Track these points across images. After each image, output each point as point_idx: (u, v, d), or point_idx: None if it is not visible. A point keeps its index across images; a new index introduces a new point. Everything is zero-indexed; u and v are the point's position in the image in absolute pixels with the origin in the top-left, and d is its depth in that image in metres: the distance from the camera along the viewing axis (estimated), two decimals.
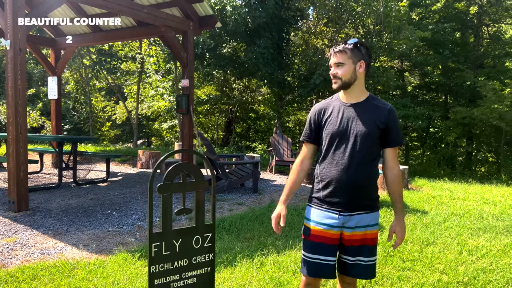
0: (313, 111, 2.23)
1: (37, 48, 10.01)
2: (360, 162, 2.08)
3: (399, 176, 2.22)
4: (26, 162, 5.27)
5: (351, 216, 2.11)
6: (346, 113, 2.13)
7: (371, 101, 2.16)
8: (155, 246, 2.29)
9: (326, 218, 2.13)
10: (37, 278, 3.46)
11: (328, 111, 2.18)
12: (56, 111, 10.32)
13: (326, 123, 2.16)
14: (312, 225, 2.17)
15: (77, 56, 15.07)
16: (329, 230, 2.12)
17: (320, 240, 2.14)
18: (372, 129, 2.08)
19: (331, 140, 2.13)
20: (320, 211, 2.16)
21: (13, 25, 5.08)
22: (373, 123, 2.08)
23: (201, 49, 11.87)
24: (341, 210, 2.11)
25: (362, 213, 2.13)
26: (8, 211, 5.31)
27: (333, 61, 2.15)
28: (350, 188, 2.09)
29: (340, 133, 2.11)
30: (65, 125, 16.96)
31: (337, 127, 2.11)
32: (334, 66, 2.14)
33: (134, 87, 17.10)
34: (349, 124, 2.10)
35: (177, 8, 8.18)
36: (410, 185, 7.87)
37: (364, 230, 2.13)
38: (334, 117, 2.14)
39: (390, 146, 2.16)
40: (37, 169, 9.03)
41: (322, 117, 2.19)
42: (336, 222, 2.12)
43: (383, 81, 12.88)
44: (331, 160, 2.13)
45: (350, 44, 2.11)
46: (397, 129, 2.16)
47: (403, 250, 4.20)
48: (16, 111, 5.13)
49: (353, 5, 12.30)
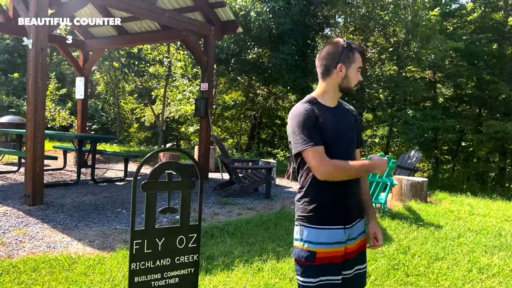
0: (306, 113, 1.87)
1: (67, 49, 10.37)
2: None
3: (366, 178, 2.17)
4: (42, 158, 5.44)
5: (353, 226, 1.97)
6: (334, 117, 1.95)
7: (341, 104, 2.06)
8: (137, 244, 2.30)
9: (333, 236, 1.90)
10: (37, 270, 3.54)
11: (318, 115, 1.90)
12: (82, 110, 10.65)
13: (320, 129, 1.89)
14: (318, 248, 1.88)
15: (107, 58, 15.51)
16: (338, 248, 1.91)
17: (329, 261, 1.89)
18: (354, 132, 2.02)
19: (327, 146, 1.88)
20: (323, 230, 1.90)
21: (36, 25, 5.27)
22: (352, 126, 2.02)
23: (225, 54, 11.97)
24: (345, 224, 1.93)
25: (359, 220, 2.04)
26: (23, 204, 5.49)
27: (364, 66, 1.99)
28: (351, 198, 1.97)
29: (334, 139, 1.91)
30: (93, 125, 17.46)
31: (333, 133, 1.91)
32: (360, 71, 1.98)
33: (161, 91, 17.42)
34: (339, 129, 1.94)
35: (200, 12, 8.30)
36: (429, 198, 7.62)
37: (362, 237, 2.04)
38: (326, 123, 1.91)
39: (358, 147, 2.09)
40: (60, 165, 9.31)
41: (316, 121, 1.88)
42: (343, 237, 1.92)
43: (409, 91, 12.58)
44: None
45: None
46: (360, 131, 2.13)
47: (408, 264, 4.05)
48: (35, 108, 5.31)
49: (381, 13, 12.11)
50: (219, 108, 17.17)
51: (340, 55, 1.94)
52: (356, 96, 12.36)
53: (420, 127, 13.97)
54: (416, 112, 14.66)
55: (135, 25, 9.62)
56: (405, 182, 7.29)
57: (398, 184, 7.37)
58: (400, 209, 6.53)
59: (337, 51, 1.94)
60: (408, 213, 6.26)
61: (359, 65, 1.95)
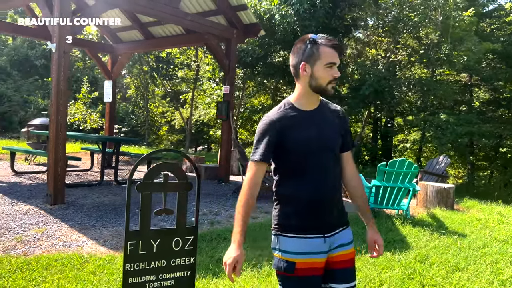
0: (270, 124, 1.82)
1: (96, 54, 10.67)
2: (335, 174, 1.87)
3: (361, 181, 2.04)
4: (64, 159, 5.58)
5: (335, 235, 1.86)
6: (310, 121, 1.83)
7: (325, 105, 1.90)
8: (131, 244, 2.29)
9: (312, 245, 1.80)
10: (49, 268, 3.62)
11: (288, 122, 1.82)
12: (110, 113, 10.91)
13: (290, 136, 1.80)
14: (297, 258, 1.79)
15: (137, 62, 15.87)
16: (318, 259, 1.81)
17: (310, 273, 1.79)
18: (337, 135, 1.87)
19: (300, 155, 1.80)
20: (301, 239, 1.80)
21: (59, 29, 5.43)
22: (335, 128, 1.87)
23: (251, 57, 11.99)
24: (324, 232, 1.82)
25: (343, 229, 1.90)
26: (45, 203, 5.65)
27: (338, 61, 1.79)
28: (330, 204, 1.84)
29: (310, 145, 1.80)
30: (123, 127, 17.91)
31: (306, 139, 1.80)
32: (334, 67, 1.79)
33: (189, 94, 17.66)
34: (316, 133, 1.81)
35: (222, 16, 8.33)
36: (457, 206, 7.30)
37: (350, 248, 1.90)
38: (299, 128, 1.81)
39: (348, 150, 1.94)
40: (88, 166, 9.56)
41: (283, 130, 1.80)
42: (323, 247, 1.82)
43: (439, 94, 12.16)
44: (303, 178, 1.81)
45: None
46: (350, 132, 1.99)
47: (425, 273, 3.87)
48: (57, 110, 5.46)
49: (410, 14, 11.79)
50: (247, 111, 17.22)
51: (303, 53, 1.80)
52: (383, 99, 12.07)
53: (453, 132, 13.45)
54: (450, 117, 14.14)
55: (160, 29, 9.79)
56: (430, 189, 7.02)
57: (423, 191, 7.11)
58: (423, 216, 6.29)
59: (301, 48, 1.81)
60: (432, 221, 6.02)
61: (327, 61, 1.77)
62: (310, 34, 1.84)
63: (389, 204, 6.12)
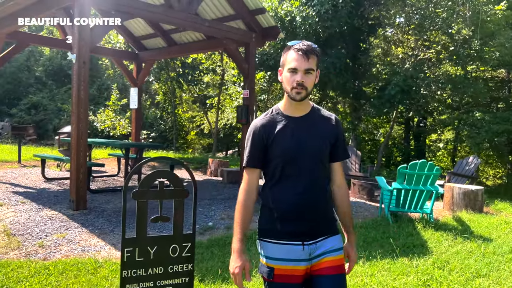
0: (254, 130, 1.86)
1: (121, 62, 10.96)
2: (318, 182, 1.84)
3: (348, 192, 2.00)
4: (85, 165, 5.75)
5: (316, 243, 1.83)
6: (295, 128, 1.83)
7: (316, 111, 1.90)
8: (128, 251, 2.32)
9: (290, 252, 1.80)
10: (65, 273, 3.73)
11: (273, 127, 1.83)
12: (136, 119, 11.18)
13: (274, 142, 1.82)
14: (275, 265, 1.80)
15: (164, 68, 16.18)
16: (297, 266, 1.79)
17: (287, 280, 1.79)
18: (324, 143, 1.84)
19: (282, 161, 1.81)
20: (280, 245, 1.81)
21: (79, 40, 5.61)
22: (324, 136, 1.85)
23: (273, 60, 11.98)
24: (303, 239, 1.81)
25: (327, 237, 1.86)
26: (69, 209, 5.83)
27: (303, 66, 1.75)
28: (311, 212, 1.81)
29: (292, 151, 1.80)
30: (151, 133, 18.29)
31: (289, 145, 1.80)
32: (302, 73, 1.75)
33: (216, 99, 17.84)
34: (300, 140, 1.81)
35: (241, 20, 8.37)
36: (487, 208, 7.00)
37: (336, 255, 1.84)
38: (282, 134, 1.82)
39: (338, 160, 1.92)
40: (114, 172, 9.81)
41: (267, 136, 1.83)
42: (302, 255, 1.80)
43: (470, 92, 11.70)
44: (285, 184, 1.82)
45: (316, 47, 1.83)
46: (344, 142, 1.95)
47: (442, 280, 3.73)
48: (78, 118, 5.63)
49: (438, 11, 11.43)
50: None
51: (282, 59, 1.84)
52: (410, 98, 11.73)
53: (489, 131, 12.88)
54: (485, 115, 13.55)
55: (182, 35, 9.94)
56: (457, 191, 6.76)
57: (449, 193, 6.86)
58: (448, 220, 6.06)
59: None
60: (456, 224, 5.79)
61: (289, 66, 1.77)
62: (292, 41, 1.85)
63: (412, 208, 5.94)
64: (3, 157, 11.34)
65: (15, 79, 21.35)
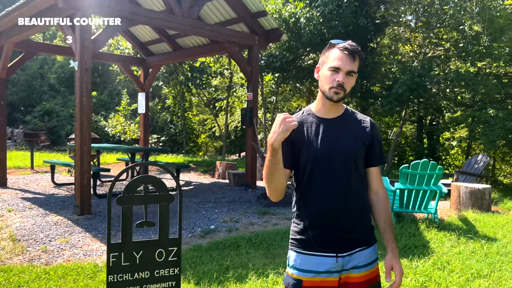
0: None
1: (129, 67, 11.09)
2: (353, 188, 1.71)
3: (388, 200, 1.85)
4: (89, 171, 5.84)
5: (351, 255, 1.71)
6: (327, 130, 1.72)
7: (350, 114, 1.80)
8: (113, 256, 2.36)
9: (322, 264, 1.68)
10: (64, 277, 3.80)
11: (304, 128, 1.73)
12: (144, 124, 11.31)
13: (304, 143, 1.71)
14: (304, 277, 1.69)
15: (173, 73, 16.33)
16: (328, 278, 1.68)
17: None
18: (358, 144, 1.73)
19: (313, 165, 1.69)
20: (312, 257, 1.69)
21: (81, 48, 5.71)
22: (358, 139, 1.74)
23: (279, 61, 11.98)
24: (338, 251, 1.69)
25: (363, 248, 1.74)
26: (73, 214, 5.93)
27: (347, 67, 1.65)
28: (346, 221, 1.69)
29: (323, 153, 1.68)
30: (161, 137, 18.46)
31: (319, 147, 1.69)
32: (344, 73, 1.65)
33: (224, 102, 17.93)
34: (332, 142, 1.70)
35: (244, 24, 8.40)
36: (495, 208, 6.88)
37: (368, 270, 1.73)
38: (314, 136, 1.71)
39: (374, 165, 1.79)
40: (123, 176, 9.92)
41: (297, 137, 1.71)
42: (335, 267, 1.69)
43: (480, 89, 11.51)
44: (316, 190, 1.70)
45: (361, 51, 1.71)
46: (381, 145, 1.82)
47: (441, 281, 3.68)
48: (81, 125, 5.73)
49: (445, 7, 11.29)
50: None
51: (321, 56, 1.75)
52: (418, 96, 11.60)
53: (503, 128, 12.62)
54: (499, 111, 13.29)
55: (187, 40, 10.02)
56: (463, 190, 6.65)
57: (455, 192, 6.76)
58: (453, 219, 5.98)
59: (323, 52, 1.76)
60: (461, 224, 5.71)
61: (331, 64, 1.66)
62: (336, 40, 1.76)
63: (416, 208, 5.87)
64: (17, 164, 11.58)
65: (29, 87, 21.77)
